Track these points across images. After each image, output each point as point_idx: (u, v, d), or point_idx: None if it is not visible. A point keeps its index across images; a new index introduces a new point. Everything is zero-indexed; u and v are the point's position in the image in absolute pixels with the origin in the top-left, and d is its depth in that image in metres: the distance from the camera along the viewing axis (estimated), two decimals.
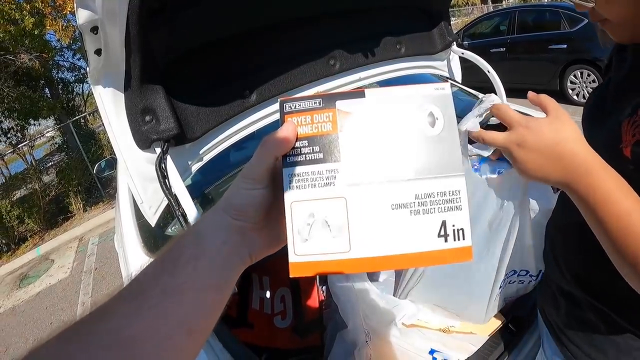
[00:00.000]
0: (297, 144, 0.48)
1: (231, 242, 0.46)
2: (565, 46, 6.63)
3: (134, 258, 1.63)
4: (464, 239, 0.47)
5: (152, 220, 1.39)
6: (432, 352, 1.29)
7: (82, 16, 0.95)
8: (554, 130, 0.64)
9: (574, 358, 0.92)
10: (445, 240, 0.46)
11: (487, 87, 2.02)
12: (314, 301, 1.69)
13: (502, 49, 7.70)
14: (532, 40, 7.24)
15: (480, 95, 2.23)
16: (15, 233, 7.44)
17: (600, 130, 0.74)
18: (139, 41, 1.00)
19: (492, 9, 20.16)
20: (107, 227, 6.79)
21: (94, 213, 7.83)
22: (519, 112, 0.68)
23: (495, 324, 1.37)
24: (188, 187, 1.33)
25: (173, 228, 1.56)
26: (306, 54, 1.57)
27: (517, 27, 7.58)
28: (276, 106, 1.52)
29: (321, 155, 0.47)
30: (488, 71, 2.04)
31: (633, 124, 0.65)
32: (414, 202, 0.47)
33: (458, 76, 2.33)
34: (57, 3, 8.12)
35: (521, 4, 9.97)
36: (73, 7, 0.95)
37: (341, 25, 1.66)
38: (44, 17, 8.09)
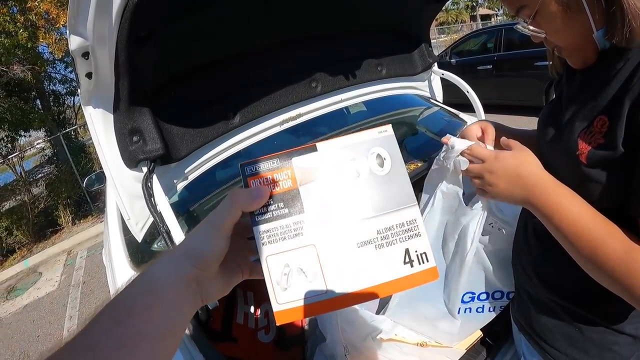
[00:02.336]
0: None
1: (187, 292, 0.47)
2: (550, 63, 6.71)
3: (121, 272, 1.66)
4: (427, 261, 0.52)
5: (139, 236, 1.42)
6: None
7: (74, 42, 0.99)
8: (516, 157, 0.81)
9: None
10: (412, 266, 0.51)
11: (470, 104, 2.10)
12: None
13: (489, 66, 7.80)
14: (518, 58, 7.32)
15: (463, 116, 2.31)
16: (4, 245, 7.38)
17: (558, 141, 0.84)
18: (127, 66, 1.05)
19: (481, 27, 20.44)
20: (95, 240, 6.75)
21: (82, 226, 7.78)
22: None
23: (473, 337, 1.39)
24: (174, 204, 1.36)
25: (159, 244, 1.59)
26: (288, 77, 1.61)
27: (503, 44, 7.68)
28: (260, 127, 1.57)
29: (286, 210, 0.52)
30: (467, 91, 2.10)
31: (589, 133, 0.74)
32: (377, 237, 0.52)
33: (439, 96, 2.39)
34: (51, 16, 8.12)
35: (508, 22, 10.09)
36: (66, 21, 0.99)
37: (323, 48, 1.70)
38: (37, 30, 8.10)
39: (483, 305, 1.35)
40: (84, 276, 5.57)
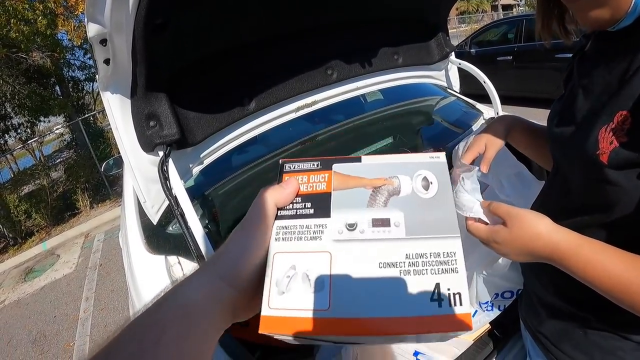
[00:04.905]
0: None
1: (221, 319, 0.43)
2: (571, 55, 6.56)
3: (137, 254, 1.69)
4: (461, 304, 0.42)
5: (155, 218, 1.45)
6: (416, 354, 1.32)
7: (92, 29, 1.01)
8: (517, 238, 0.70)
9: None
10: (440, 305, 0.42)
11: (487, 95, 2.08)
12: None
13: (509, 57, 7.67)
14: (538, 49, 7.17)
15: (480, 106, 2.28)
16: (22, 227, 7.54)
17: (572, 139, 0.77)
18: (144, 52, 1.06)
19: (502, 17, 20.10)
20: (113, 224, 6.87)
21: (100, 210, 7.91)
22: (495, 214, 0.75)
23: (481, 329, 1.40)
24: (190, 188, 1.38)
25: (174, 226, 1.62)
26: (304, 64, 1.62)
27: (524, 35, 7.55)
28: (275, 113, 1.58)
29: (311, 211, 0.49)
30: (484, 82, 2.08)
31: (610, 130, 0.66)
32: (405, 262, 0.44)
33: (456, 85, 2.36)
34: (69, 3, 8.18)
35: (530, 12, 9.90)
36: (84, 8, 1.01)
37: (339, 36, 1.70)
38: (56, 17, 8.17)
39: (492, 305, 1.36)
40: (101, 259, 5.68)
